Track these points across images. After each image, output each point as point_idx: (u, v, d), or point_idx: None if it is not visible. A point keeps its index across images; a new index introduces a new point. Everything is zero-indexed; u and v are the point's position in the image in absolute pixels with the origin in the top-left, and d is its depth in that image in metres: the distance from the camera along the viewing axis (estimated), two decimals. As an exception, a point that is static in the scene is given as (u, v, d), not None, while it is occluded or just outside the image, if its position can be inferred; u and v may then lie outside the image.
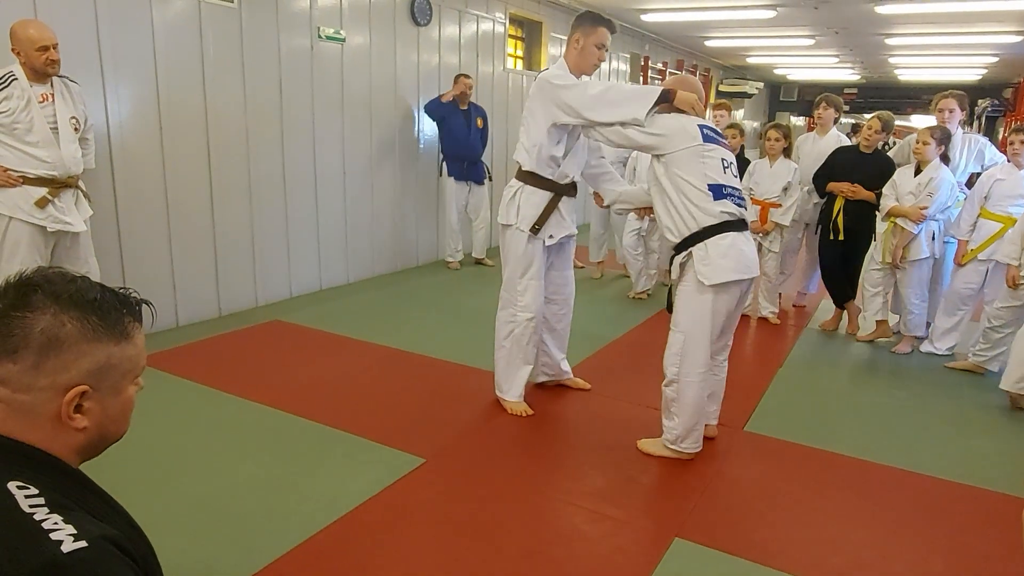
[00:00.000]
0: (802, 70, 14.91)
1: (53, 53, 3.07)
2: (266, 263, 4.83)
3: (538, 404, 3.37)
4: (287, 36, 4.71)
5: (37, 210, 3.13)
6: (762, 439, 3.09)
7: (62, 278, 0.96)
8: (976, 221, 3.96)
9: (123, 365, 0.98)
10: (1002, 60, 11.05)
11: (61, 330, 0.91)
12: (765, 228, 4.70)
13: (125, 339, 0.98)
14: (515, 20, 7.41)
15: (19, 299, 0.92)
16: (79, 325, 0.93)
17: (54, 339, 0.91)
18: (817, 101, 5.03)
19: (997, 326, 3.82)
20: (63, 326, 0.91)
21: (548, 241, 3.04)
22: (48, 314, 0.91)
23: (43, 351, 0.91)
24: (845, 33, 9.37)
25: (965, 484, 2.75)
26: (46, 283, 0.94)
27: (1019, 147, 3.83)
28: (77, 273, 0.99)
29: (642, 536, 2.33)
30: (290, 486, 2.54)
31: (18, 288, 0.93)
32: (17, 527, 0.82)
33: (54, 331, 0.91)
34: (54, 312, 0.92)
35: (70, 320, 0.92)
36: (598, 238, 6.05)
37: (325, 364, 3.78)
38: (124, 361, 0.98)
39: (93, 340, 0.94)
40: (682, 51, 11.66)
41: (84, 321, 0.93)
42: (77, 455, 0.98)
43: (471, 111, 5.93)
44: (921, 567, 2.21)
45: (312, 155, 5.06)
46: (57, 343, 0.91)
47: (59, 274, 0.96)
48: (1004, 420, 3.40)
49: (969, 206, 4.01)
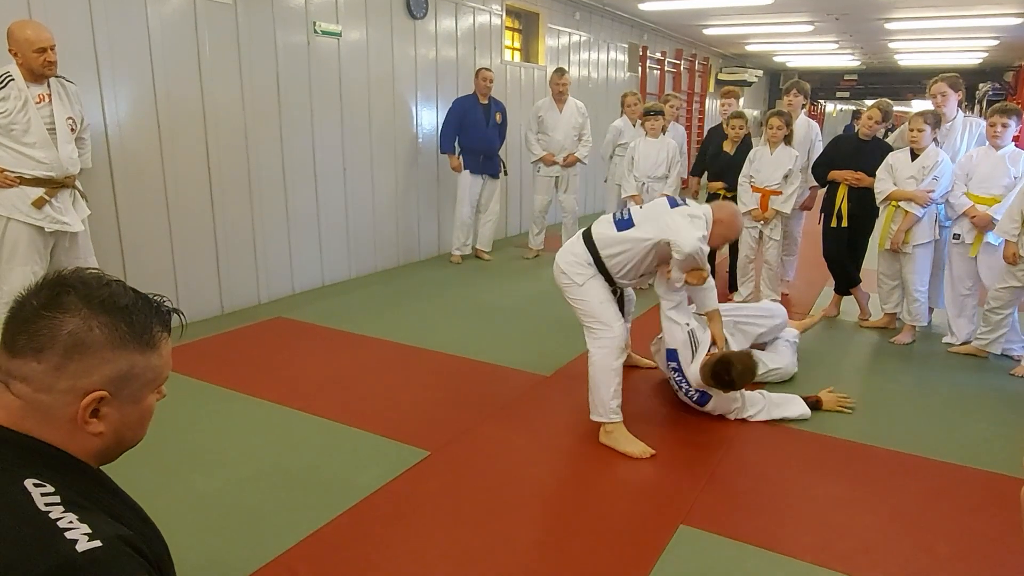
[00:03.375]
0: (802, 57, 14.83)
1: (51, 54, 3.06)
2: (268, 260, 4.84)
3: (542, 395, 3.38)
4: (283, 32, 4.70)
5: (34, 210, 3.14)
6: (765, 426, 3.08)
7: (98, 281, 0.95)
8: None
9: (146, 375, 0.97)
10: (1003, 43, 10.98)
11: (88, 335, 0.91)
12: (766, 216, 4.69)
13: (151, 349, 0.97)
14: (512, 12, 7.39)
15: (51, 299, 0.92)
16: (107, 331, 0.92)
17: (80, 343, 0.91)
18: (787, 87, 5.05)
19: (996, 307, 3.81)
20: (91, 331, 0.91)
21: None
22: (78, 317, 0.91)
23: (68, 353, 0.90)
24: (844, 19, 9.32)
25: (969, 467, 2.75)
26: (81, 285, 0.93)
27: (1001, 130, 3.81)
28: (112, 277, 0.98)
29: (648, 523, 2.34)
30: (296, 480, 2.55)
31: (52, 288, 0.93)
32: (32, 525, 0.82)
33: (81, 335, 0.91)
34: (84, 315, 0.91)
35: (98, 325, 0.92)
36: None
37: (329, 360, 3.78)
38: (147, 371, 0.97)
39: (119, 347, 0.93)
40: (681, 40, 11.61)
41: (113, 328, 0.93)
42: (93, 459, 0.97)
43: (491, 105, 5.94)
44: (926, 550, 2.22)
45: (311, 150, 5.05)
46: (83, 347, 0.91)
47: (95, 277, 0.96)
48: (1007, 403, 3.39)
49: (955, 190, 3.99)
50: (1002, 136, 3.82)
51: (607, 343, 2.84)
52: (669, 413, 3.21)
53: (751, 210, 4.70)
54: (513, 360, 3.78)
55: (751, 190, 4.70)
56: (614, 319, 2.87)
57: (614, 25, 9.34)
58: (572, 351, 3.92)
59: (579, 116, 6.21)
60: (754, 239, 4.81)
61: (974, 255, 3.96)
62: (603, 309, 2.87)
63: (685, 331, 3.09)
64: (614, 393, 2.84)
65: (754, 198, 4.69)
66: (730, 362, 2.87)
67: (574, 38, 8.44)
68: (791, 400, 3.18)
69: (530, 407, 3.23)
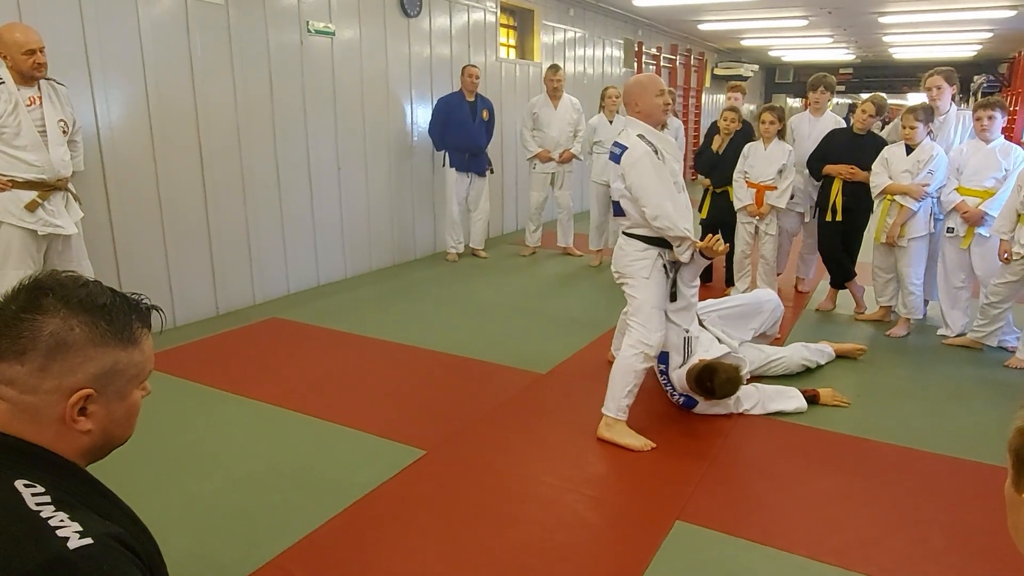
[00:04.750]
0: (797, 51, 14.84)
1: (40, 56, 3.05)
2: (263, 260, 4.83)
3: (538, 393, 3.38)
4: (276, 31, 4.68)
5: (27, 214, 3.13)
6: (761, 420, 3.09)
7: (74, 282, 0.97)
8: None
9: (130, 370, 0.99)
10: (997, 35, 10.99)
11: (69, 334, 0.92)
12: (761, 211, 4.68)
13: (133, 344, 0.99)
14: (506, 9, 7.37)
15: (30, 302, 0.93)
16: (87, 330, 0.94)
17: (62, 343, 0.92)
18: (815, 84, 4.99)
19: (995, 302, 3.81)
20: (71, 330, 0.92)
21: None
22: (57, 318, 0.92)
23: (50, 354, 0.92)
24: (838, 13, 9.32)
25: (964, 459, 2.75)
26: (58, 287, 0.95)
27: (987, 123, 3.82)
28: (89, 277, 1.00)
29: (644, 520, 2.34)
30: (292, 481, 2.55)
31: (30, 291, 0.94)
32: (24, 524, 0.83)
33: (62, 335, 0.92)
34: (63, 316, 0.93)
35: (79, 324, 0.93)
36: (598, 226, 6.05)
37: (324, 360, 3.78)
38: (131, 366, 0.99)
39: (100, 345, 0.95)
40: (675, 35, 11.60)
41: (93, 326, 0.94)
42: (82, 457, 0.98)
43: (477, 102, 5.91)
44: (922, 543, 2.22)
45: (305, 150, 5.04)
46: (64, 347, 0.92)
47: (72, 278, 0.98)
48: (1002, 395, 3.40)
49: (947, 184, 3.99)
50: (990, 129, 3.84)
51: (639, 347, 2.83)
52: (665, 409, 3.21)
53: (746, 205, 4.70)
54: (509, 358, 3.78)
55: (746, 186, 4.70)
56: (656, 328, 2.84)
57: (609, 21, 9.32)
58: (568, 349, 3.92)
59: (574, 112, 6.20)
60: (750, 234, 4.81)
61: (966, 247, 3.97)
62: (651, 313, 2.84)
63: (682, 336, 3.07)
64: (628, 393, 2.85)
65: (749, 194, 4.69)
66: (715, 370, 2.87)
67: (569, 34, 8.43)
68: (786, 392, 3.18)
69: (526, 405, 3.23)
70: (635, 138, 2.80)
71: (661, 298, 2.87)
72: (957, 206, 3.92)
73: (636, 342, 2.84)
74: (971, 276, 4.06)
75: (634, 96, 2.84)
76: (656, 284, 2.85)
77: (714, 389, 2.87)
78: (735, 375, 2.89)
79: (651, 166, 2.75)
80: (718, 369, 2.87)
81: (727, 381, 2.86)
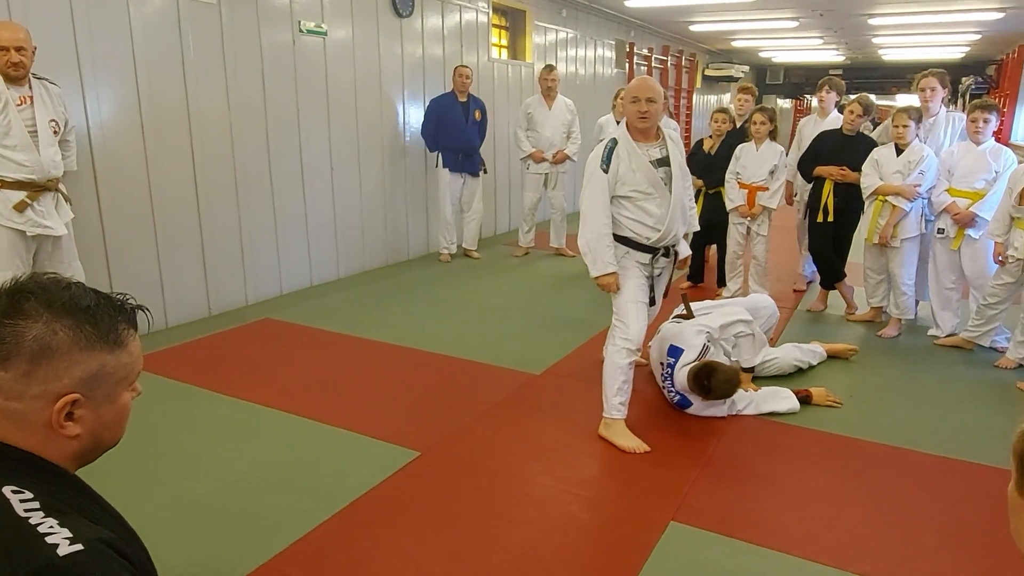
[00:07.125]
0: (787, 52, 14.91)
1: (14, 55, 2.99)
2: (255, 261, 4.80)
3: (532, 394, 3.38)
4: (268, 31, 4.66)
5: (16, 214, 3.10)
6: (754, 421, 3.10)
7: (56, 285, 0.95)
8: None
9: (117, 373, 0.97)
10: (985, 37, 11.09)
11: (53, 338, 0.91)
12: (753, 212, 4.70)
13: (119, 346, 0.97)
14: (499, 9, 7.37)
15: (11, 306, 0.91)
16: (72, 333, 0.92)
17: (46, 347, 0.90)
18: (820, 84, 5.04)
19: (993, 303, 3.82)
20: (55, 334, 0.91)
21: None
22: (40, 322, 0.91)
23: (35, 359, 0.90)
24: (829, 15, 9.37)
25: (956, 459, 2.77)
26: (40, 290, 0.93)
27: (983, 125, 3.85)
28: (73, 280, 0.98)
29: (638, 521, 2.34)
30: (285, 483, 2.54)
31: (11, 295, 0.93)
32: (13, 531, 0.82)
33: (46, 339, 0.91)
34: (46, 320, 0.91)
35: (63, 328, 0.92)
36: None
37: (317, 361, 3.76)
38: (118, 369, 0.97)
39: (86, 348, 0.93)
40: (667, 36, 11.63)
41: (77, 329, 0.93)
42: (72, 461, 0.97)
43: (470, 103, 5.90)
44: (915, 542, 2.24)
45: (298, 150, 5.02)
46: (49, 351, 0.90)
47: (54, 281, 0.96)
48: (993, 394, 3.43)
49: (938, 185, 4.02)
50: (983, 131, 3.86)
51: (619, 342, 2.88)
52: (661, 409, 3.22)
53: (738, 206, 4.72)
54: (503, 359, 3.78)
55: (738, 187, 4.72)
56: (634, 321, 2.87)
57: (601, 22, 9.34)
58: (562, 349, 3.92)
59: (568, 113, 6.21)
60: (742, 235, 4.83)
61: (956, 248, 4.00)
62: (627, 307, 2.88)
63: (704, 338, 3.10)
64: (617, 391, 2.87)
65: (741, 194, 4.70)
66: (714, 369, 2.89)
67: (561, 35, 8.43)
68: (779, 393, 3.20)
69: (520, 406, 3.23)
70: (602, 143, 2.85)
71: (636, 290, 2.90)
72: (947, 207, 3.95)
73: (617, 338, 2.89)
74: (961, 277, 4.09)
75: (621, 99, 2.86)
76: (631, 278, 2.89)
77: (711, 388, 2.88)
78: (733, 377, 2.90)
79: (591, 177, 2.81)
80: (717, 369, 2.89)
81: (725, 382, 2.87)
